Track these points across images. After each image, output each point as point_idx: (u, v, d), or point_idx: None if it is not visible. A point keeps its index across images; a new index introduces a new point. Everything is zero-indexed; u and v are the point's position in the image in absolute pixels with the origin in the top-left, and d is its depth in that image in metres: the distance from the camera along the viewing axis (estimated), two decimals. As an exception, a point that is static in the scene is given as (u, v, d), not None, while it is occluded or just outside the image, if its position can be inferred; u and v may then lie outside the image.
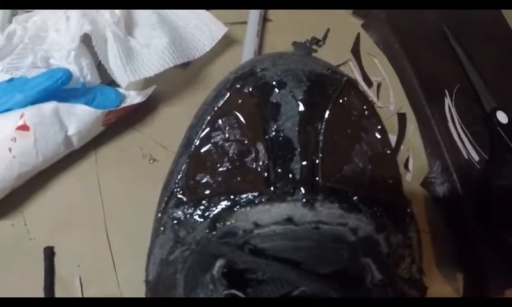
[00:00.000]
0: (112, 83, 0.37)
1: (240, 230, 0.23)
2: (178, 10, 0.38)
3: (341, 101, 0.26)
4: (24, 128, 0.31)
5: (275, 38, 0.42)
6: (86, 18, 0.33)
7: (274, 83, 0.25)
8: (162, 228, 0.25)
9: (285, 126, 0.25)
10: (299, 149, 0.24)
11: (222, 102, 0.26)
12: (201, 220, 0.24)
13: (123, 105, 0.35)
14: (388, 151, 0.26)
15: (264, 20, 0.42)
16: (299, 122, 0.25)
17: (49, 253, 0.32)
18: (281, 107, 0.25)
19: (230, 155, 0.25)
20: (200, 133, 0.25)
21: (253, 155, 0.25)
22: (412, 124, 0.41)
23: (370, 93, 0.41)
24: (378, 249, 0.24)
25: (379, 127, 0.26)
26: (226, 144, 0.25)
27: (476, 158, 0.39)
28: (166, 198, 0.26)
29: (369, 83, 0.41)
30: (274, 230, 0.23)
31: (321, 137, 0.25)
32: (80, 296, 0.31)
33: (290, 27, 0.42)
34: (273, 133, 0.25)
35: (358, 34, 0.44)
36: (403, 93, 0.42)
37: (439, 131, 0.40)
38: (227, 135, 0.25)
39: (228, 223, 0.23)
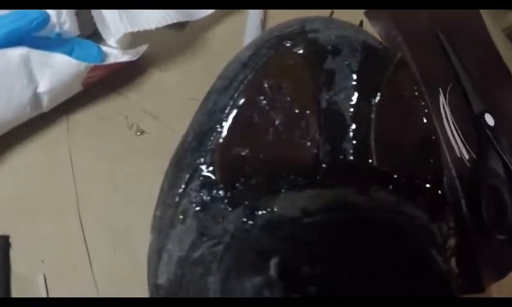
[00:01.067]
0: (91, 37, 0.30)
1: (286, 219, 0.19)
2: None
3: (394, 79, 0.23)
4: (-19, 76, 0.24)
5: (277, 12, 0.37)
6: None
7: (329, 48, 0.22)
8: (181, 217, 0.20)
9: (338, 98, 0.22)
10: (352, 127, 0.21)
11: (267, 61, 0.21)
12: (234, 207, 0.19)
13: (108, 62, 0.28)
14: (434, 138, 0.24)
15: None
16: (353, 96, 0.22)
17: (3, 244, 0.25)
18: (335, 75, 0.22)
19: (276, 125, 0.20)
20: (238, 96, 0.20)
21: (303, 127, 0.21)
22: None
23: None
24: (436, 240, 0.22)
25: (427, 111, 0.24)
26: (272, 112, 0.20)
27: (466, 156, 0.39)
28: (186, 177, 0.20)
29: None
30: (327, 219, 0.19)
31: (373, 116, 0.22)
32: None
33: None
34: (325, 104, 0.21)
35: (361, 22, 0.41)
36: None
37: (439, 127, 0.39)
38: (274, 101, 0.20)
39: (271, 211, 0.19)
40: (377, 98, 0.22)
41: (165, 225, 0.21)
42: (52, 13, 0.27)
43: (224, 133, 0.20)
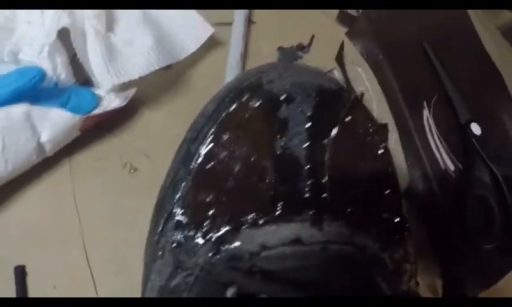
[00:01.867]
0: (86, 83, 0.34)
1: (246, 253, 0.22)
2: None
3: (348, 119, 0.25)
4: (-10, 133, 0.28)
5: (259, 41, 0.40)
6: (63, 11, 0.30)
7: (282, 97, 0.24)
8: (160, 253, 0.23)
9: (293, 144, 0.24)
10: (306, 168, 0.23)
11: (227, 115, 0.24)
12: (203, 242, 0.22)
13: (100, 109, 0.32)
14: (390, 169, 0.26)
15: (249, 22, 0.40)
16: (307, 139, 0.24)
17: (21, 272, 0.29)
18: (288, 123, 0.24)
19: (235, 173, 0.23)
20: (202, 148, 0.23)
21: (260, 173, 0.23)
22: (394, 134, 0.41)
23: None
24: (385, 267, 0.23)
25: (383, 144, 0.26)
26: (231, 162, 0.23)
27: (452, 168, 0.40)
28: (163, 220, 0.24)
29: (353, 92, 0.41)
30: (283, 251, 0.22)
31: (327, 155, 0.24)
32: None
33: (274, 31, 0.41)
34: (280, 150, 0.24)
35: (342, 42, 0.43)
36: (385, 103, 0.42)
37: (420, 141, 0.40)
38: (233, 152, 0.23)
39: (233, 246, 0.22)
40: (331, 138, 0.24)
41: (149, 259, 0.24)
42: (48, 67, 0.31)
43: (191, 182, 0.23)
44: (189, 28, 0.35)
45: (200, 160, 0.23)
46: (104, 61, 0.30)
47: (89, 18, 0.31)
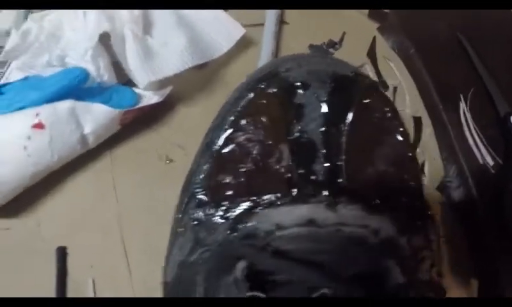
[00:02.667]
0: (128, 83, 0.36)
1: (262, 232, 0.22)
2: (196, 10, 0.38)
3: (364, 103, 0.25)
4: (39, 126, 0.31)
5: (291, 40, 0.41)
6: (103, 16, 0.33)
7: (298, 84, 0.25)
8: (182, 229, 0.25)
9: (309, 128, 0.25)
10: (322, 151, 0.24)
11: (245, 103, 0.25)
12: (223, 221, 0.24)
13: (139, 105, 0.34)
14: (410, 154, 0.26)
15: (281, 22, 0.41)
16: (323, 124, 0.25)
17: (62, 253, 0.31)
18: (304, 108, 0.25)
19: (253, 155, 0.24)
20: (222, 133, 0.25)
21: (277, 156, 0.24)
22: (428, 128, 0.41)
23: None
24: (400, 251, 0.23)
25: (401, 129, 0.26)
26: (250, 145, 0.25)
27: (491, 163, 0.39)
28: (186, 199, 0.25)
29: (385, 86, 0.41)
30: (297, 232, 0.22)
31: (344, 139, 0.24)
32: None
33: (306, 30, 0.42)
34: (297, 134, 0.25)
35: (374, 38, 0.43)
36: (419, 97, 0.42)
37: (454, 136, 0.40)
38: (251, 136, 0.25)
39: (250, 224, 0.23)
40: (347, 122, 0.24)
41: (172, 236, 0.26)
42: (91, 69, 0.34)
43: (212, 164, 0.25)
44: (221, 29, 0.37)
45: (220, 144, 0.25)
46: (140, 61, 0.33)
47: (127, 23, 0.34)
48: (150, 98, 0.36)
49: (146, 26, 0.36)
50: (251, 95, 0.25)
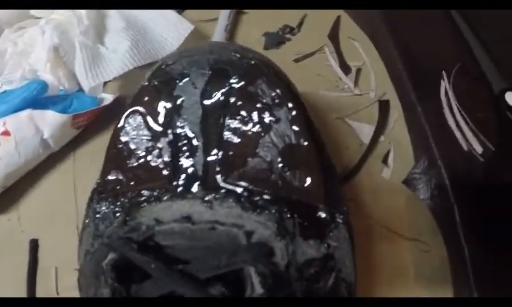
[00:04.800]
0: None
1: (143, 226, 0.23)
2: (147, 12, 0.40)
3: (246, 88, 0.25)
4: (6, 133, 0.36)
5: (250, 28, 0.42)
6: (56, 31, 0.37)
7: (177, 75, 0.26)
8: (87, 221, 0.27)
9: (189, 120, 0.25)
10: (201, 143, 0.24)
11: (130, 101, 0.27)
12: (117, 215, 0.25)
13: (89, 109, 0.37)
14: (305, 143, 0.24)
15: (238, 12, 0.42)
16: (202, 114, 0.25)
17: (33, 245, 0.36)
18: (183, 99, 0.25)
19: (137, 152, 0.26)
20: (113, 132, 0.27)
21: (157, 151, 0.25)
22: (396, 112, 0.38)
23: (347, 80, 0.39)
24: (270, 259, 0.22)
25: (294, 115, 0.24)
26: (133, 142, 0.26)
27: (479, 150, 0.34)
28: (91, 194, 0.28)
29: (347, 69, 0.40)
30: (173, 228, 0.23)
31: (225, 129, 0.24)
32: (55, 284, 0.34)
33: (265, 17, 0.42)
34: (177, 128, 0.25)
35: (339, 17, 0.42)
36: (387, 78, 0.39)
37: (428, 120, 0.35)
38: (134, 133, 0.26)
39: (136, 219, 0.24)
40: (227, 111, 0.24)
41: (82, 227, 0.27)
42: (53, 78, 0.38)
43: (106, 161, 0.27)
44: (169, 27, 0.39)
45: (111, 142, 0.27)
46: (85, 69, 0.36)
47: (77, 35, 0.37)
48: (109, 99, 0.39)
49: (100, 34, 0.39)
50: (136, 92, 0.27)
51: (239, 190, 0.23)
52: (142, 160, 0.26)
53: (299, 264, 0.22)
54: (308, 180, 0.24)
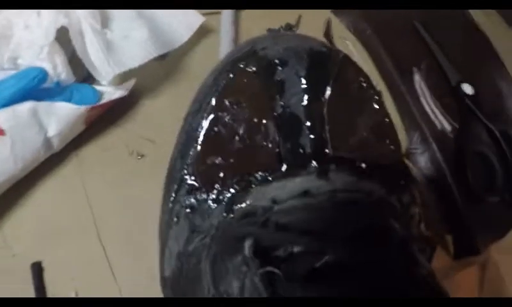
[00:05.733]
0: (85, 80, 0.35)
1: (259, 209, 0.23)
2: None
3: (340, 75, 0.26)
4: (-2, 132, 0.29)
5: (250, 25, 0.41)
6: (60, 12, 0.31)
7: (277, 61, 0.25)
8: (175, 219, 0.24)
9: (291, 103, 0.25)
10: (306, 124, 0.25)
11: (226, 83, 0.25)
12: (216, 205, 0.23)
13: (104, 101, 0.33)
14: (387, 120, 0.27)
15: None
16: (304, 98, 0.25)
17: (37, 269, 0.29)
18: (285, 84, 0.25)
19: (240, 135, 0.24)
20: (206, 115, 0.24)
21: (263, 132, 0.24)
22: (387, 101, 0.42)
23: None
24: (394, 209, 0.24)
25: (376, 98, 0.27)
26: (235, 125, 0.24)
27: (449, 128, 0.41)
28: (175, 187, 0.24)
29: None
30: (293, 204, 0.23)
31: (325, 111, 0.25)
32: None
33: (262, 14, 0.42)
34: (280, 110, 0.25)
35: (329, 19, 0.44)
36: (377, 72, 0.43)
37: (413, 104, 0.41)
38: (235, 116, 0.24)
39: (246, 204, 0.23)
40: (327, 94, 0.25)
41: (164, 227, 0.25)
42: (48, 66, 0.32)
43: (199, 147, 0.24)
44: (180, 18, 0.37)
45: (205, 126, 0.24)
46: (104, 55, 0.31)
47: (85, 18, 0.32)
48: (111, 93, 0.34)
49: (104, 21, 0.34)
50: (231, 75, 0.25)
51: (348, 161, 0.24)
52: (246, 142, 0.24)
53: (405, 211, 0.25)
54: (394, 148, 0.27)
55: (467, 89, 0.43)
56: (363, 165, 0.25)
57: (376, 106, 0.27)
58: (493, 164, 0.39)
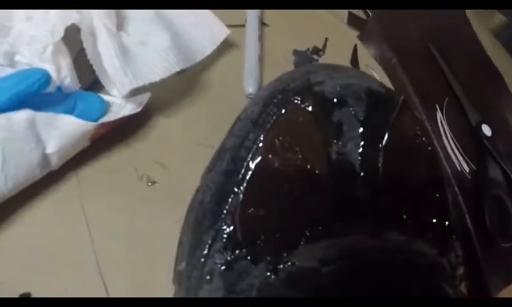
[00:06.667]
0: (91, 88, 0.30)
1: (306, 270, 0.20)
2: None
3: (398, 122, 0.24)
4: (-13, 145, 0.24)
5: (273, 44, 0.38)
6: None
7: (335, 100, 0.22)
8: (208, 277, 0.20)
9: (347, 149, 0.22)
10: (361, 175, 0.22)
11: (277, 119, 0.21)
12: (257, 262, 0.20)
13: (109, 116, 0.28)
14: (438, 171, 0.25)
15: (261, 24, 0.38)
16: (361, 144, 0.23)
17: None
18: (343, 127, 0.22)
19: (290, 183, 0.21)
20: (252, 157, 0.21)
21: (316, 182, 0.21)
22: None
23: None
24: (446, 272, 0.23)
25: (430, 148, 0.25)
26: (285, 170, 0.21)
27: (467, 169, 0.40)
28: (208, 240, 0.21)
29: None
30: (343, 265, 0.20)
31: (381, 160, 0.23)
32: None
33: (286, 33, 0.39)
34: (335, 155, 0.22)
35: (356, 46, 0.41)
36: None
37: (437, 143, 0.40)
38: (287, 161, 0.21)
39: (292, 263, 0.20)
40: (384, 142, 0.23)
41: (192, 285, 0.21)
42: (51, 69, 0.27)
43: (242, 195, 0.20)
44: (203, 28, 0.33)
45: (250, 170, 0.21)
46: (119, 62, 0.27)
47: (99, 16, 0.28)
48: (121, 106, 0.30)
49: (120, 21, 0.29)
50: (283, 111, 0.21)
51: (401, 219, 0.23)
52: (297, 193, 0.21)
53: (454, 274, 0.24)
54: (443, 204, 0.25)
55: (486, 130, 0.42)
56: (416, 223, 0.23)
57: (430, 157, 0.25)
58: (508, 209, 0.38)
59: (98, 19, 0.28)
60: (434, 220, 0.24)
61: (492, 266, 0.36)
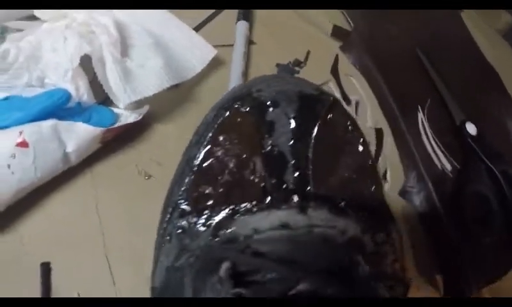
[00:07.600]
0: (104, 102, 0.38)
1: (241, 236, 0.25)
2: (170, 32, 0.40)
3: (328, 118, 0.28)
4: (23, 145, 0.32)
5: (259, 60, 0.44)
6: (84, 39, 0.35)
7: (268, 103, 0.28)
8: (168, 237, 0.27)
9: (279, 142, 0.27)
10: (291, 162, 0.27)
11: (222, 120, 0.28)
12: (204, 228, 0.26)
13: (118, 124, 0.36)
14: (370, 162, 0.29)
15: (249, 42, 0.44)
16: (291, 138, 0.27)
17: (46, 269, 0.32)
18: (275, 124, 0.28)
19: (230, 168, 0.27)
20: (202, 148, 0.27)
21: (251, 168, 0.27)
22: (389, 138, 0.44)
23: (349, 110, 0.44)
24: (364, 247, 0.26)
25: (361, 140, 0.29)
26: (227, 159, 0.27)
27: (449, 168, 0.42)
28: (170, 209, 0.27)
29: (348, 101, 0.44)
30: (272, 235, 0.25)
31: (311, 151, 0.27)
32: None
33: (272, 49, 0.45)
34: (269, 148, 0.27)
35: (337, 56, 0.47)
36: (379, 109, 0.45)
37: (414, 144, 0.43)
38: (227, 150, 0.27)
39: (230, 230, 0.25)
40: (313, 135, 0.27)
41: (158, 244, 0.28)
42: (71, 88, 0.35)
43: (193, 176, 0.27)
44: (194, 50, 0.40)
45: (200, 158, 0.27)
46: (121, 82, 0.35)
47: (107, 45, 0.36)
48: (127, 116, 0.38)
49: (124, 49, 0.38)
50: (227, 113, 0.28)
51: (327, 199, 0.27)
52: (235, 176, 0.27)
53: (378, 251, 0.27)
54: (374, 189, 0.29)
55: (471, 129, 0.43)
56: (342, 204, 0.27)
57: (360, 148, 0.29)
58: (491, 204, 0.40)
59: (106, 49, 0.36)
60: (361, 202, 0.27)
61: (473, 262, 0.37)
